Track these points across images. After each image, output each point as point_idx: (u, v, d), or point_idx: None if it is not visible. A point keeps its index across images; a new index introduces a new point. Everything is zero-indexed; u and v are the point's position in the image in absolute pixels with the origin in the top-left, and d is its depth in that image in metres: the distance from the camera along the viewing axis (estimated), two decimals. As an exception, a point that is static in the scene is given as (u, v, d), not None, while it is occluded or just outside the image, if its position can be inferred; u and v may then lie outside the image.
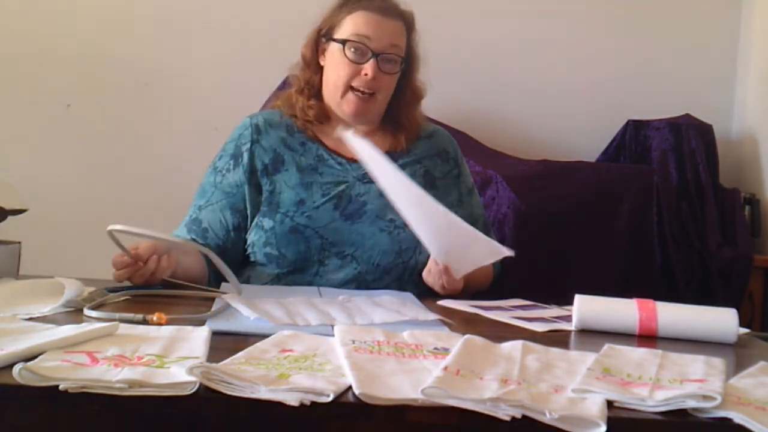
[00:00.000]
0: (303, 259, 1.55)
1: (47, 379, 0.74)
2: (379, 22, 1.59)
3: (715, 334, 1.16)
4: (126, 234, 1.26)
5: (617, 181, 2.54)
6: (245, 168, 1.62)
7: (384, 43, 1.58)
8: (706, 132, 2.80)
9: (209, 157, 1.71)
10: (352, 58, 1.58)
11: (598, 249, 2.48)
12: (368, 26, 1.58)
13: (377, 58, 1.57)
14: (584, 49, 3.02)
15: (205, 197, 1.63)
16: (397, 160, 1.64)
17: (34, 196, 1.58)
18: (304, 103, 1.65)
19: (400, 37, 1.62)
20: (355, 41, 1.58)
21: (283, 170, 1.62)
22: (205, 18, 2.94)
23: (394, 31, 1.60)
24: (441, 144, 1.73)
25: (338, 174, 1.62)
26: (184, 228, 1.62)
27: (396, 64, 1.61)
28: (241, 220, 1.60)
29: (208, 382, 0.75)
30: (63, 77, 2.90)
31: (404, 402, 0.75)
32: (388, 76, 1.61)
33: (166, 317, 1.05)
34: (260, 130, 1.65)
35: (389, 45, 1.59)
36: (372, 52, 1.57)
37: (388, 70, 1.60)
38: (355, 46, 1.58)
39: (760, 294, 2.60)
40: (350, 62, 1.58)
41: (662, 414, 0.76)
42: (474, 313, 1.34)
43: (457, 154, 1.75)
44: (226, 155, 1.65)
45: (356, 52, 1.58)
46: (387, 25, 1.59)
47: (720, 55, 3.04)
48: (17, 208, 1.40)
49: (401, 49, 1.62)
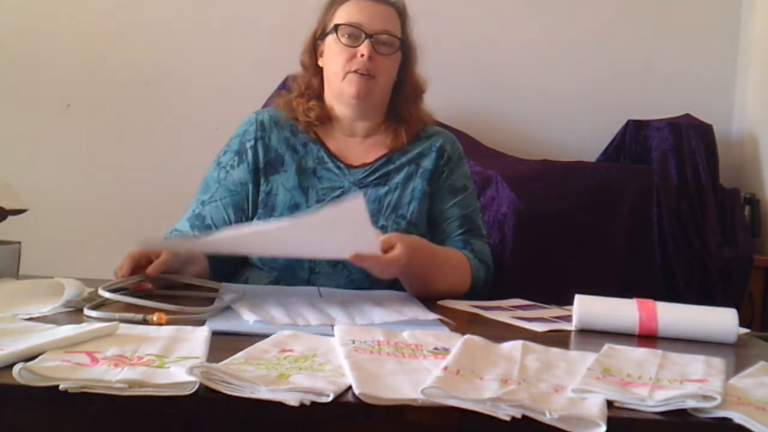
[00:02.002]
0: (294, 266, 1.53)
1: (47, 379, 0.74)
2: (371, 7, 1.60)
3: (715, 334, 1.16)
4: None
5: (617, 181, 2.54)
6: (249, 166, 1.61)
7: (376, 25, 1.58)
8: (706, 132, 2.80)
9: (209, 157, 1.71)
10: (346, 42, 1.58)
11: (598, 249, 2.48)
12: (360, 11, 1.59)
13: (371, 39, 1.57)
14: (584, 49, 3.02)
15: (209, 193, 1.62)
16: (395, 161, 1.64)
17: (34, 196, 1.58)
18: (305, 105, 1.64)
19: (393, 20, 1.62)
20: (347, 24, 1.58)
21: (282, 171, 1.61)
22: (205, 18, 2.94)
23: (385, 15, 1.61)
24: (440, 142, 1.69)
25: (335, 180, 1.61)
26: (186, 222, 1.61)
27: (392, 47, 1.60)
28: (244, 219, 1.60)
29: (208, 382, 0.75)
30: (63, 77, 2.90)
31: (404, 402, 0.75)
32: (386, 58, 1.59)
33: (166, 317, 1.06)
34: (265, 127, 1.65)
35: (382, 28, 1.59)
36: (365, 34, 1.57)
37: (384, 52, 1.59)
38: (348, 31, 1.58)
39: (760, 294, 2.60)
40: (345, 47, 1.58)
41: (662, 414, 0.76)
42: (474, 313, 1.34)
43: (455, 154, 1.70)
44: (231, 151, 1.65)
45: (350, 36, 1.58)
46: (378, 9, 1.60)
47: (720, 55, 3.04)
48: (17, 208, 1.40)
49: (396, 32, 1.61)
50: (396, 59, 1.63)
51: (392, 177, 1.63)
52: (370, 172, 1.63)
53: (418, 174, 1.64)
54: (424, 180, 1.63)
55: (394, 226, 1.56)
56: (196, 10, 2.94)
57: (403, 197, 1.61)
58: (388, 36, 1.59)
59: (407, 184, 1.63)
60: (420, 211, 1.61)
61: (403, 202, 1.61)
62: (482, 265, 1.59)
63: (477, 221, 1.67)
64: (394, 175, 1.63)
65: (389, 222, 1.56)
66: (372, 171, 1.63)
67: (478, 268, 1.58)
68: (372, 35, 1.57)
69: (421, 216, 1.61)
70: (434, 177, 1.65)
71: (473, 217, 1.66)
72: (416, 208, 1.60)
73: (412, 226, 1.59)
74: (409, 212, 1.60)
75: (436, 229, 1.63)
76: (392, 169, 1.64)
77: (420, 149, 1.67)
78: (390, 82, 1.64)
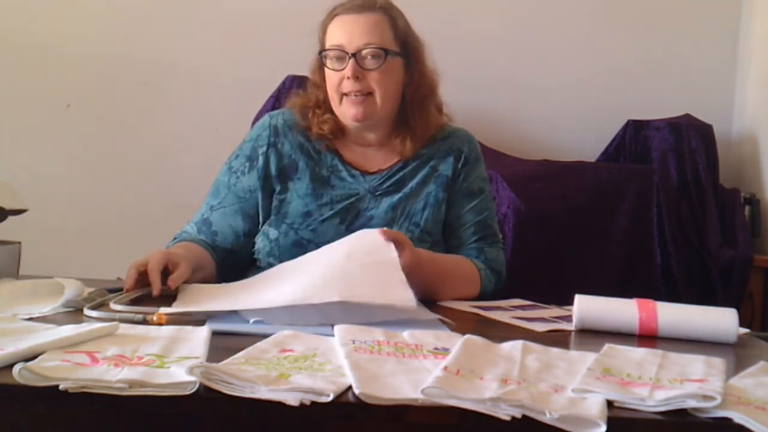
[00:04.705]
0: None
1: (47, 379, 0.74)
2: (352, 21, 1.55)
3: (715, 334, 1.16)
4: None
5: (617, 181, 2.54)
6: (260, 173, 1.60)
7: (357, 41, 1.53)
8: (706, 132, 2.80)
9: (209, 156, 1.72)
10: (333, 66, 1.55)
11: (598, 249, 2.48)
12: (341, 30, 1.55)
13: (355, 58, 1.53)
14: (584, 48, 3.02)
15: (218, 198, 1.61)
16: (409, 164, 1.62)
17: (34, 196, 1.58)
18: (320, 117, 1.62)
19: (377, 29, 1.55)
20: (330, 49, 1.55)
21: (296, 178, 1.60)
22: (206, 18, 2.95)
23: (368, 26, 1.55)
24: (456, 143, 1.66)
25: (349, 186, 1.59)
26: (194, 226, 1.61)
27: (378, 59, 1.54)
28: (252, 226, 1.60)
29: (208, 382, 0.75)
30: (63, 77, 2.91)
31: (404, 402, 0.75)
32: (376, 72, 1.54)
33: (166, 317, 1.06)
34: (278, 132, 1.63)
35: (363, 42, 1.53)
36: (348, 54, 1.53)
37: (371, 66, 1.54)
38: (332, 55, 1.55)
39: (760, 294, 2.60)
40: (334, 71, 1.56)
41: (662, 414, 0.76)
42: (474, 313, 1.34)
43: (472, 155, 1.66)
44: (242, 155, 1.63)
45: (336, 59, 1.55)
46: (360, 21, 1.55)
47: (720, 55, 3.04)
48: (17, 208, 1.40)
49: (382, 40, 1.55)
50: (391, 67, 1.57)
51: (406, 182, 1.61)
52: (386, 178, 1.61)
53: (434, 178, 1.62)
54: (439, 186, 1.61)
55: (408, 234, 1.55)
56: (196, 11, 2.95)
57: (417, 203, 1.60)
58: (371, 48, 1.53)
59: (422, 188, 1.61)
60: (434, 219, 1.60)
61: (417, 208, 1.59)
62: (493, 274, 1.59)
63: (492, 226, 1.66)
64: (409, 180, 1.61)
65: (402, 230, 1.54)
66: (387, 177, 1.61)
67: (488, 278, 1.57)
68: (354, 53, 1.53)
69: (435, 224, 1.60)
70: (451, 182, 1.63)
71: (489, 222, 1.65)
72: (430, 216, 1.59)
73: (425, 234, 1.58)
74: (423, 219, 1.59)
75: (452, 234, 1.63)
76: (407, 173, 1.62)
77: (435, 152, 1.64)
78: (391, 92, 1.59)
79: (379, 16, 1.57)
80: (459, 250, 1.61)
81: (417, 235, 1.56)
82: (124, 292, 1.26)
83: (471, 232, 1.62)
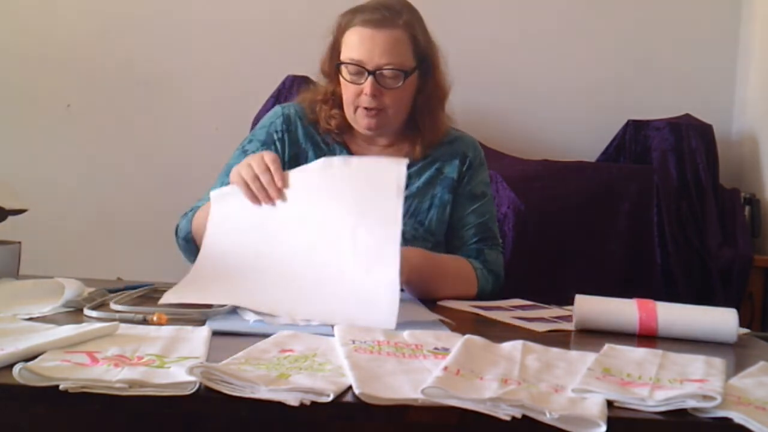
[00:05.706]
0: None
1: (47, 379, 0.74)
2: (372, 38, 1.52)
3: (715, 334, 1.16)
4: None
5: (617, 181, 2.54)
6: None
7: (378, 59, 1.51)
8: (706, 132, 2.80)
9: (209, 156, 1.72)
10: (350, 79, 1.54)
11: (598, 249, 2.48)
12: (360, 46, 1.52)
13: (374, 76, 1.51)
14: (584, 48, 3.02)
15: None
16: (413, 165, 1.61)
17: (34, 196, 1.58)
18: (328, 112, 1.62)
19: (398, 48, 1.53)
20: (349, 63, 1.53)
21: None
22: (205, 18, 2.95)
23: (389, 44, 1.52)
24: (462, 147, 1.67)
25: None
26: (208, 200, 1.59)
27: (397, 79, 1.53)
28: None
29: (208, 382, 0.75)
30: (63, 77, 2.91)
31: (404, 402, 0.75)
32: (393, 91, 1.54)
33: (166, 317, 1.06)
34: (291, 121, 1.64)
35: (385, 61, 1.51)
36: (368, 71, 1.52)
37: (389, 85, 1.53)
38: (351, 69, 1.54)
39: (760, 294, 2.60)
40: (350, 83, 1.55)
41: (662, 414, 0.76)
42: (474, 313, 1.34)
43: (476, 160, 1.67)
44: (257, 140, 1.63)
45: (354, 74, 1.54)
46: (381, 38, 1.51)
47: (720, 55, 3.04)
48: (17, 208, 1.40)
49: (402, 61, 1.53)
50: (406, 87, 1.56)
51: (413, 181, 1.61)
52: None
53: (440, 181, 1.63)
54: (445, 188, 1.63)
55: (412, 232, 1.56)
56: (196, 11, 2.95)
57: (422, 203, 1.61)
58: (390, 70, 1.52)
59: (427, 189, 1.62)
60: (438, 220, 1.61)
61: (423, 208, 1.60)
62: (491, 275, 1.59)
63: (493, 229, 1.67)
64: (415, 179, 1.62)
65: (407, 227, 1.54)
66: None
67: (485, 279, 1.58)
68: (374, 71, 1.51)
69: (439, 225, 1.61)
70: (456, 184, 1.64)
71: (489, 225, 1.66)
72: (435, 217, 1.60)
73: (429, 233, 1.59)
74: (428, 219, 1.60)
75: (454, 235, 1.64)
76: (413, 173, 1.61)
77: (441, 155, 1.65)
78: (402, 107, 1.59)
79: (400, 34, 1.53)
80: (459, 251, 1.62)
81: (421, 233, 1.58)
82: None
83: (472, 233, 1.63)
